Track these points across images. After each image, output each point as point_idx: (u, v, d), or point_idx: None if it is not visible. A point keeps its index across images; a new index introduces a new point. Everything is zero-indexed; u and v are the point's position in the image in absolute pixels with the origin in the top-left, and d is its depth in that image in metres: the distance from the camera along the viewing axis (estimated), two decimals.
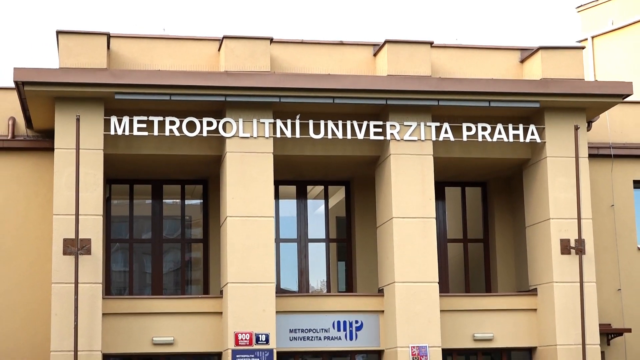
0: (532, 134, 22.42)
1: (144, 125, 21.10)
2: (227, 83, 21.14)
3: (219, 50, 22.09)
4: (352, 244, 24.19)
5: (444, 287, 23.67)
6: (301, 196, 24.39)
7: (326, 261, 24.39)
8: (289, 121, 21.61)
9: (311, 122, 21.69)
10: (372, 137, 21.93)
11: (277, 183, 23.05)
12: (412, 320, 21.50)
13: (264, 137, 21.47)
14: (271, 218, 21.41)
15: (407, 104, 21.82)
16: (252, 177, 21.34)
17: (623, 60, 31.97)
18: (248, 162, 21.37)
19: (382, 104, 21.73)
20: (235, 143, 21.41)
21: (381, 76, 22.15)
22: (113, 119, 20.99)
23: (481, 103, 21.94)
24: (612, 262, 24.75)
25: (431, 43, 22.55)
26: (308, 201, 24.47)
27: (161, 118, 21.16)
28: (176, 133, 21.20)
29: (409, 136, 21.97)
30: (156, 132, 21.11)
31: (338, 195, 24.73)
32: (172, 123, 21.19)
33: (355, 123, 21.85)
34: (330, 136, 21.76)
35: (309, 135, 21.71)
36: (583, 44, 27.51)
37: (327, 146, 22.14)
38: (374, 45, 22.89)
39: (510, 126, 22.40)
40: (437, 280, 21.82)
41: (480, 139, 22.22)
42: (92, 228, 20.60)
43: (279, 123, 21.58)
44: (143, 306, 21.53)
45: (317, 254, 24.35)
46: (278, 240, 23.70)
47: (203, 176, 23.67)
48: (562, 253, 22.17)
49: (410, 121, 21.99)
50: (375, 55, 22.77)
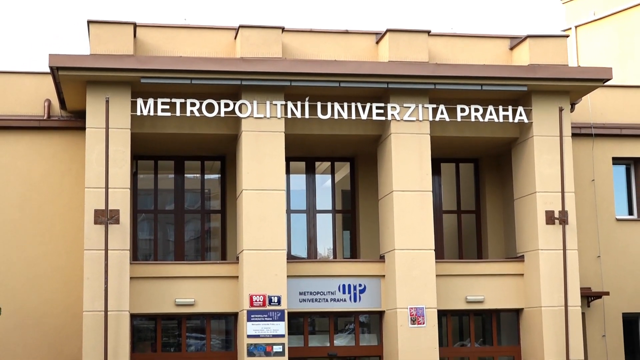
0: (520, 115, 22.36)
1: (167, 106, 21.09)
2: (243, 68, 21.11)
3: (235, 38, 22.04)
4: (356, 215, 24.19)
5: (439, 254, 23.67)
6: (310, 171, 24.38)
7: (332, 230, 24.40)
8: (299, 103, 21.58)
9: (319, 104, 21.67)
10: (375, 118, 21.89)
11: (288, 159, 23.01)
12: (410, 283, 21.52)
13: (276, 118, 21.45)
14: (283, 191, 21.43)
15: (407, 88, 21.77)
16: (266, 154, 21.33)
17: (603, 47, 31.86)
18: (262, 141, 21.36)
19: (384, 88, 21.68)
20: (250, 123, 21.39)
21: (383, 62, 22.09)
22: (139, 101, 20.98)
23: (474, 86, 21.88)
24: (592, 232, 24.73)
25: (428, 32, 22.47)
26: (316, 176, 24.45)
27: (183, 100, 21.14)
28: (196, 114, 21.19)
29: (408, 117, 21.92)
30: (178, 113, 21.10)
31: (343, 170, 24.72)
32: (193, 105, 21.19)
33: (359, 105, 21.81)
34: (336, 117, 21.73)
35: (317, 115, 21.68)
36: (567, 33, 27.30)
37: (334, 126, 22.11)
38: (376, 33, 22.82)
39: (500, 108, 22.34)
40: (433, 247, 21.83)
41: (473, 119, 22.18)
42: (121, 200, 20.64)
43: (290, 105, 21.55)
44: (166, 271, 21.57)
45: (324, 224, 24.35)
46: (289, 211, 23.70)
47: (221, 153, 23.66)
48: (547, 223, 22.16)
49: (409, 103, 21.95)
50: (377, 42, 22.70)
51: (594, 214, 24.83)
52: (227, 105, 21.30)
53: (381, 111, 21.89)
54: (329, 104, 21.68)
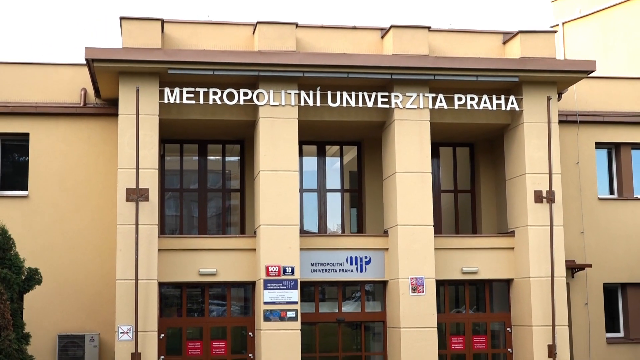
0: (512, 103, 22.30)
1: (192, 95, 21.09)
2: (260, 60, 21.08)
3: (253, 33, 22.01)
4: (362, 194, 24.20)
5: (438, 229, 23.69)
6: (321, 154, 24.37)
7: (341, 208, 24.39)
8: (311, 92, 21.56)
9: (329, 93, 21.64)
10: (380, 106, 21.86)
11: (301, 143, 23.01)
12: (411, 256, 21.55)
13: (291, 105, 21.43)
14: (296, 172, 21.41)
15: (409, 78, 21.71)
16: (281, 138, 21.32)
17: (588, 42, 31.72)
18: (277, 126, 21.36)
19: (388, 78, 21.63)
20: (266, 110, 21.39)
21: (387, 55, 22.03)
22: (166, 90, 20.99)
23: (470, 77, 21.81)
24: (577, 210, 24.70)
25: (429, 27, 22.40)
26: (326, 158, 24.44)
27: (206, 89, 21.14)
28: (218, 101, 21.20)
29: (410, 105, 21.89)
30: (202, 101, 21.11)
31: (351, 153, 24.70)
32: (215, 93, 21.18)
33: (365, 94, 21.78)
34: (345, 105, 21.71)
35: (328, 103, 21.66)
36: (555, 29, 27.23)
37: (342, 113, 22.08)
38: (382, 29, 22.75)
39: (494, 97, 22.29)
40: (432, 223, 21.83)
41: (469, 107, 22.13)
42: (150, 179, 20.67)
43: (303, 93, 21.53)
44: (191, 244, 21.62)
45: (334, 202, 24.35)
46: (301, 190, 23.70)
47: (240, 137, 23.66)
48: (536, 202, 22.13)
49: (411, 92, 21.91)
50: (382, 37, 22.64)
51: (578, 194, 24.79)
52: (246, 94, 21.30)
53: (385, 100, 21.86)
54: (338, 93, 21.65)
